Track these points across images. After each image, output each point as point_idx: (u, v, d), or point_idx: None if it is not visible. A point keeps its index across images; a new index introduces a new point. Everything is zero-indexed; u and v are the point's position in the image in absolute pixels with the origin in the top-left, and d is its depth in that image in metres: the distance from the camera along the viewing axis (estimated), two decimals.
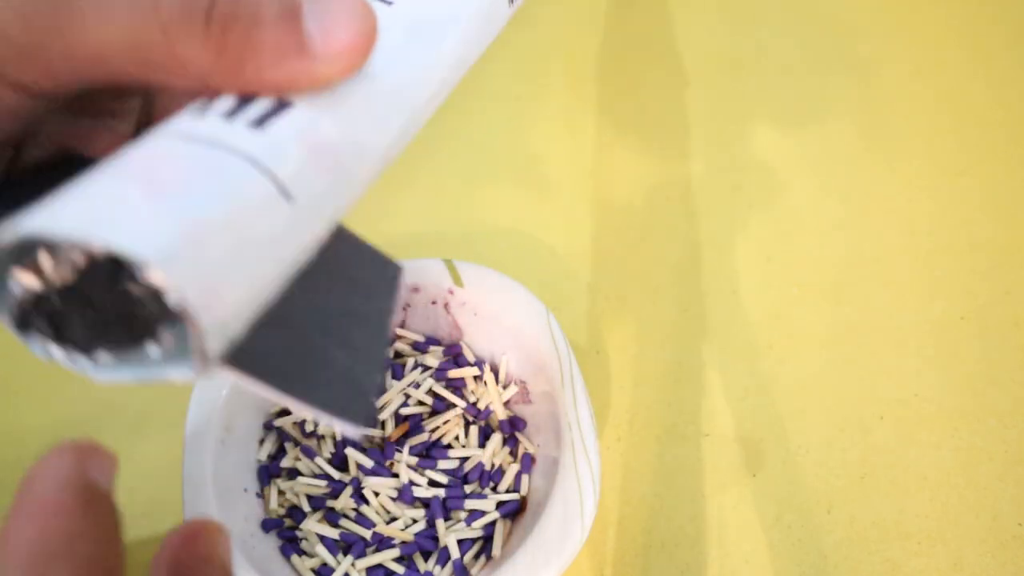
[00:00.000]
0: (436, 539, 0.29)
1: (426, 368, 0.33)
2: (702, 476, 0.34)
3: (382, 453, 0.31)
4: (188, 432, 0.29)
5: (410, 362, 0.33)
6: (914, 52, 0.48)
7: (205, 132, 0.14)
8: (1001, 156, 0.43)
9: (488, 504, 0.30)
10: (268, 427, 0.32)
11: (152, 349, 0.13)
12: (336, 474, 0.31)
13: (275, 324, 0.14)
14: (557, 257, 0.41)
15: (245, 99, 0.15)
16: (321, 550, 0.29)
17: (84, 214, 0.12)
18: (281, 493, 0.31)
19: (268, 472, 0.31)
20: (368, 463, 0.30)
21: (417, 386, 0.32)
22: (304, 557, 0.29)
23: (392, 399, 0.32)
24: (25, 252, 0.13)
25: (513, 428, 0.32)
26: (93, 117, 0.19)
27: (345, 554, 0.29)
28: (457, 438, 0.32)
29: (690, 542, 0.32)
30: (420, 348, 0.34)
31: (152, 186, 0.13)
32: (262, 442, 0.32)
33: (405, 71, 0.18)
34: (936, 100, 0.46)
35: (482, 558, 0.29)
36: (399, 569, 0.29)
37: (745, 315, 0.38)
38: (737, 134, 0.45)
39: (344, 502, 0.30)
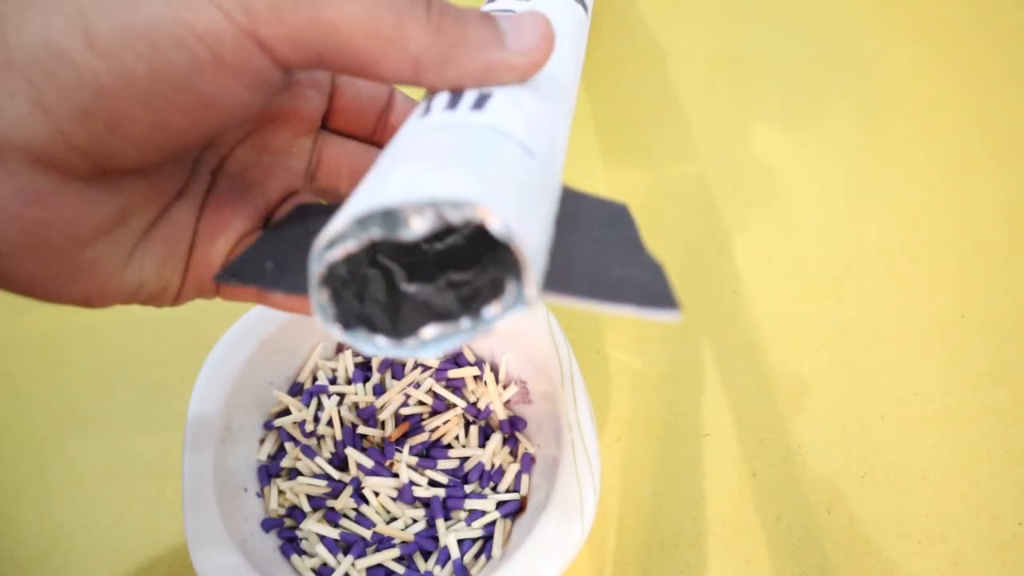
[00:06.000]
0: (436, 539, 0.29)
1: (426, 368, 0.33)
2: (702, 476, 0.34)
3: (382, 453, 0.31)
4: (188, 432, 0.29)
5: (410, 362, 0.33)
6: (914, 51, 0.48)
7: (445, 120, 0.17)
8: (1001, 155, 0.43)
9: (488, 504, 0.30)
10: (268, 427, 0.32)
11: (490, 309, 0.16)
12: (336, 474, 0.31)
13: (563, 255, 0.17)
14: None
15: (455, 94, 0.18)
16: (321, 550, 0.29)
17: (410, 185, 0.15)
18: (281, 493, 0.31)
19: (268, 472, 0.31)
20: (368, 463, 0.30)
21: (417, 386, 0.32)
22: (304, 557, 0.29)
23: (392, 399, 0.32)
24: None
25: (513, 428, 0.32)
26: (274, 155, 0.22)
27: (345, 554, 0.29)
28: (457, 438, 0.32)
29: (690, 542, 0.32)
30: None
31: (441, 159, 0.16)
32: (262, 442, 0.32)
33: (561, 64, 0.21)
34: (936, 99, 0.46)
35: (482, 558, 0.29)
36: (399, 569, 0.29)
37: (745, 315, 0.38)
38: (737, 134, 0.45)
39: (344, 502, 0.30)
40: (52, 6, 0.15)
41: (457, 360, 0.33)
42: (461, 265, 0.16)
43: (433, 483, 0.31)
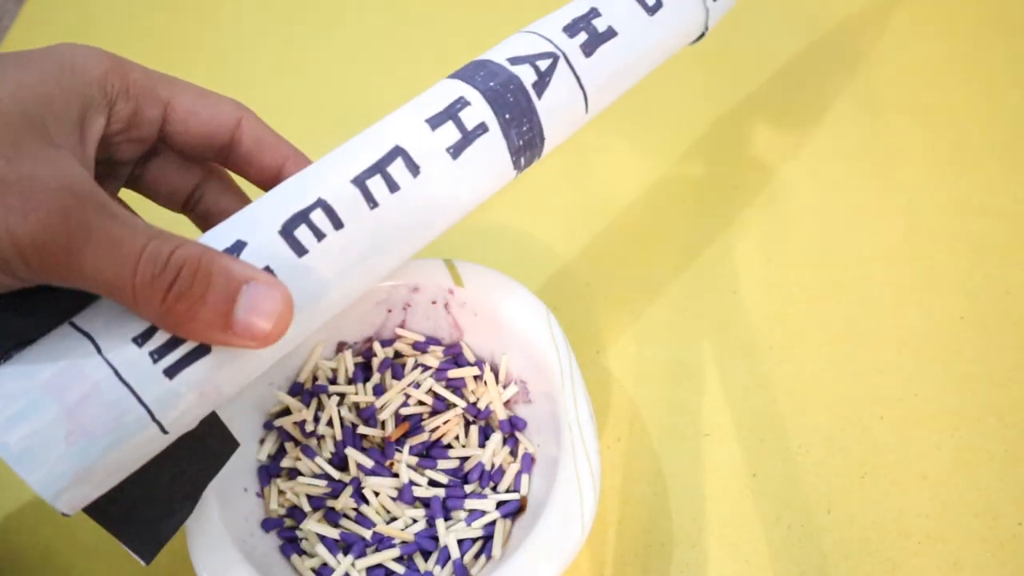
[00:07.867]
0: (436, 539, 0.29)
1: (426, 368, 0.33)
2: (702, 476, 0.34)
3: (382, 453, 0.31)
4: None
5: (410, 362, 0.33)
6: (914, 51, 0.48)
7: (135, 377, 0.19)
8: (1001, 155, 0.43)
9: (488, 504, 0.30)
10: (268, 427, 0.32)
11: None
12: (336, 474, 0.31)
13: (136, 482, 0.20)
14: (557, 257, 0.41)
15: (175, 340, 0.20)
16: (321, 550, 0.29)
17: (14, 440, 0.18)
18: (281, 493, 0.31)
19: (268, 472, 0.31)
20: (368, 463, 0.30)
21: (417, 386, 0.32)
22: (304, 557, 0.29)
23: (392, 399, 0.32)
24: None
25: (513, 428, 0.32)
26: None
27: (345, 554, 0.29)
28: (457, 438, 0.32)
29: (690, 542, 0.32)
30: (420, 348, 0.34)
31: (74, 425, 0.18)
32: (262, 442, 0.32)
33: (297, 334, 0.22)
34: (936, 100, 0.46)
35: (482, 558, 0.29)
36: (399, 569, 0.29)
37: (745, 315, 0.38)
38: (737, 134, 0.45)
39: (344, 502, 0.30)
40: None
41: (457, 360, 0.33)
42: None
43: (433, 483, 0.31)
